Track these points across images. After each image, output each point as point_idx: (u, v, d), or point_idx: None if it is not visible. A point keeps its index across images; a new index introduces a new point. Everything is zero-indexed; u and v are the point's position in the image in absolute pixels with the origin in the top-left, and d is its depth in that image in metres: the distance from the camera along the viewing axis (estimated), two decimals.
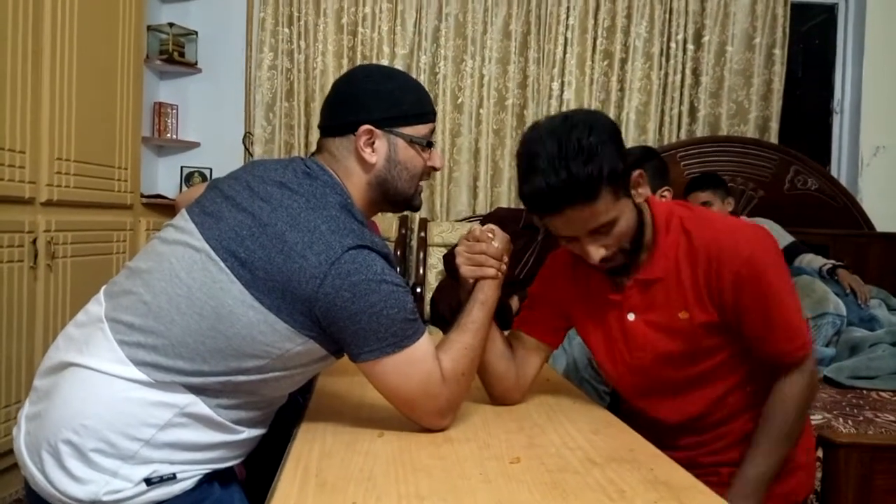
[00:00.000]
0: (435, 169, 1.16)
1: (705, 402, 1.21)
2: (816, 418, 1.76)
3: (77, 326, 1.05)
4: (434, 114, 1.16)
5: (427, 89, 3.74)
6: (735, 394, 1.21)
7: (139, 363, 0.96)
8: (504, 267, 1.18)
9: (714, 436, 1.23)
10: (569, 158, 1.02)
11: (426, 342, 1.04)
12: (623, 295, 1.21)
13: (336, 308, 0.95)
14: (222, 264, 0.97)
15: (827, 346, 2.32)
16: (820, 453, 1.72)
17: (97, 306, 1.04)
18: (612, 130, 1.09)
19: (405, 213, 3.46)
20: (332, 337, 1.00)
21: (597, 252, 1.10)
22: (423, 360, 1.02)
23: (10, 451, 1.05)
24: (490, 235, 1.17)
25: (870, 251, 3.32)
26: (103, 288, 1.09)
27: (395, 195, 1.13)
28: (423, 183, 1.17)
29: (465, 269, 1.16)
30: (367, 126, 1.07)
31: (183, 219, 1.07)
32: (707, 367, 1.18)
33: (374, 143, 1.08)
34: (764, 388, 1.17)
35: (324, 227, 0.98)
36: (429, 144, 1.13)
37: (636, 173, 1.13)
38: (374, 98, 1.09)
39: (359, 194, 1.09)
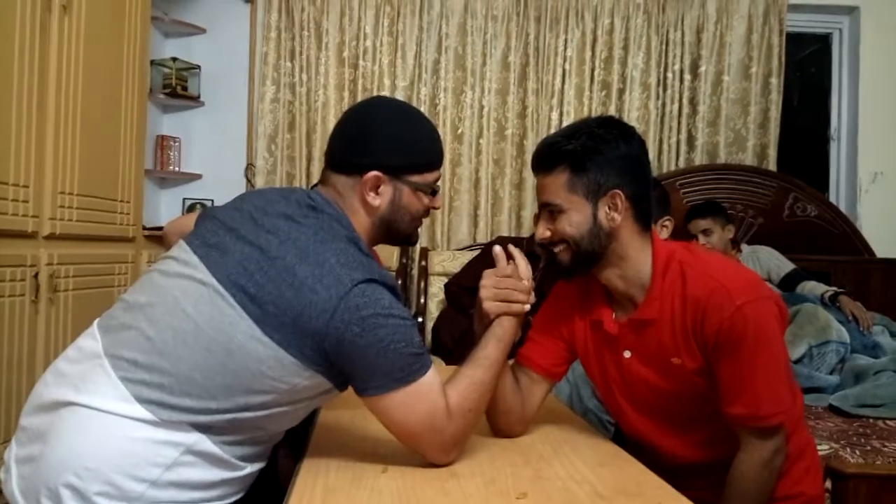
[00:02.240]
0: (435, 208, 1.17)
1: (709, 440, 1.19)
2: (823, 448, 1.75)
3: (69, 362, 1.02)
4: (442, 159, 1.16)
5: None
6: None
7: (144, 401, 0.94)
8: (528, 306, 1.15)
9: (720, 478, 1.19)
10: (567, 135, 1.14)
11: (432, 376, 1.02)
12: (619, 332, 1.20)
13: (345, 342, 0.95)
14: (231, 299, 0.96)
15: (831, 373, 2.31)
16: (829, 484, 1.70)
17: (92, 341, 1.01)
18: (625, 149, 1.13)
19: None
20: (340, 371, 0.99)
21: (540, 229, 1.17)
22: (428, 395, 1.01)
23: None
24: (520, 272, 1.15)
25: (871, 277, 3.32)
26: (96, 321, 1.06)
27: (396, 234, 1.13)
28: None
29: (491, 305, 1.13)
30: (376, 173, 1.07)
31: (184, 251, 1.05)
32: (707, 408, 1.16)
33: (379, 187, 1.08)
34: None
35: (333, 259, 0.97)
36: (433, 192, 1.13)
37: (613, 191, 1.12)
38: (387, 144, 1.08)
39: (362, 229, 1.09)
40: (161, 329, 0.97)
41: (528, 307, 1.15)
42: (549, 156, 1.15)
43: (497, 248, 1.16)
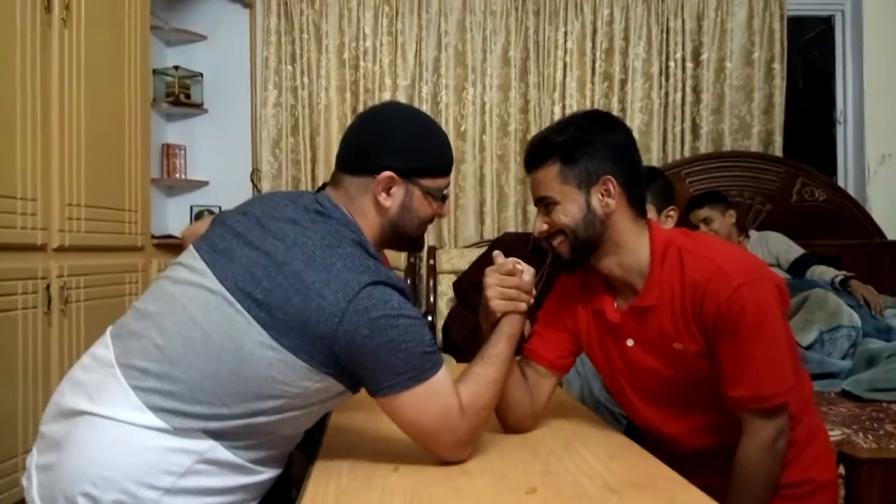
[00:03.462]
0: (441, 216, 1.18)
1: (716, 426, 1.19)
2: (836, 434, 1.74)
3: (84, 371, 1.03)
4: (452, 166, 1.18)
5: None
6: None
7: (156, 409, 0.95)
8: (531, 301, 1.17)
9: (729, 464, 1.19)
10: (555, 129, 1.18)
11: (444, 375, 1.03)
12: (621, 321, 1.21)
13: (355, 345, 0.95)
14: (239, 306, 0.96)
15: (843, 358, 2.30)
16: (842, 470, 1.69)
17: (104, 350, 1.02)
18: (613, 137, 1.16)
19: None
20: (351, 373, 1.00)
21: (537, 224, 1.20)
22: (440, 393, 1.01)
23: (23, 501, 1.03)
24: (520, 268, 1.17)
25: (882, 260, 3.29)
26: (109, 329, 1.07)
27: (404, 238, 1.14)
28: None
29: (497, 304, 1.15)
30: (390, 173, 1.08)
31: (192, 257, 1.05)
32: (712, 393, 1.16)
33: (391, 188, 1.09)
34: None
35: (339, 264, 0.98)
36: (443, 198, 1.15)
37: (605, 177, 1.15)
38: (401, 146, 1.09)
39: (370, 232, 1.09)
40: (171, 338, 0.98)
41: (531, 302, 1.17)
42: (540, 151, 1.18)
43: (496, 251, 1.20)
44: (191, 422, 0.95)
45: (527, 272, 1.17)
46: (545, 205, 1.18)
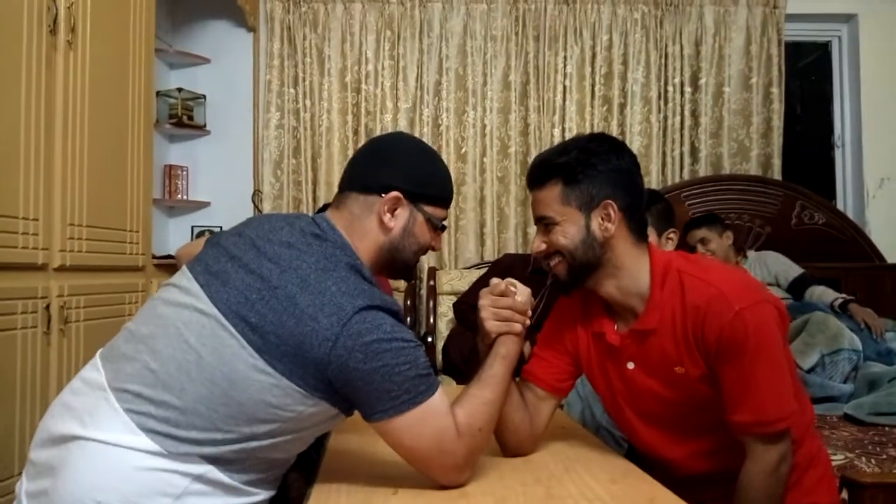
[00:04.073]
0: (434, 249, 1.19)
1: (717, 450, 1.18)
2: (839, 458, 1.73)
3: (75, 394, 1.02)
4: (452, 200, 1.20)
5: (430, 140, 3.79)
6: None
7: (151, 432, 0.94)
8: (528, 322, 1.17)
9: (731, 488, 1.18)
10: (559, 150, 1.17)
11: (440, 397, 1.02)
12: (621, 343, 1.20)
13: (349, 369, 0.95)
14: (233, 329, 0.96)
15: (844, 382, 2.29)
16: (845, 495, 1.67)
17: (95, 373, 1.01)
18: (617, 162, 1.16)
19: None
20: (345, 397, 1.00)
21: (535, 243, 1.20)
22: (436, 416, 1.01)
23: None
24: (513, 290, 1.17)
25: (882, 283, 3.30)
26: (99, 352, 1.06)
27: (400, 263, 1.14)
28: None
29: (491, 325, 1.15)
30: (397, 193, 1.09)
31: (186, 278, 1.05)
32: (714, 417, 1.15)
33: (396, 209, 1.10)
34: None
35: (334, 288, 0.98)
36: (441, 228, 1.16)
37: (605, 202, 1.15)
38: (410, 170, 1.11)
39: (368, 255, 1.10)
40: (164, 362, 0.98)
41: (527, 323, 1.16)
42: (543, 170, 1.19)
43: (496, 280, 1.19)
44: (185, 446, 0.95)
45: (521, 293, 1.17)
46: (545, 224, 1.19)
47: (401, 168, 1.11)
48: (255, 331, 0.96)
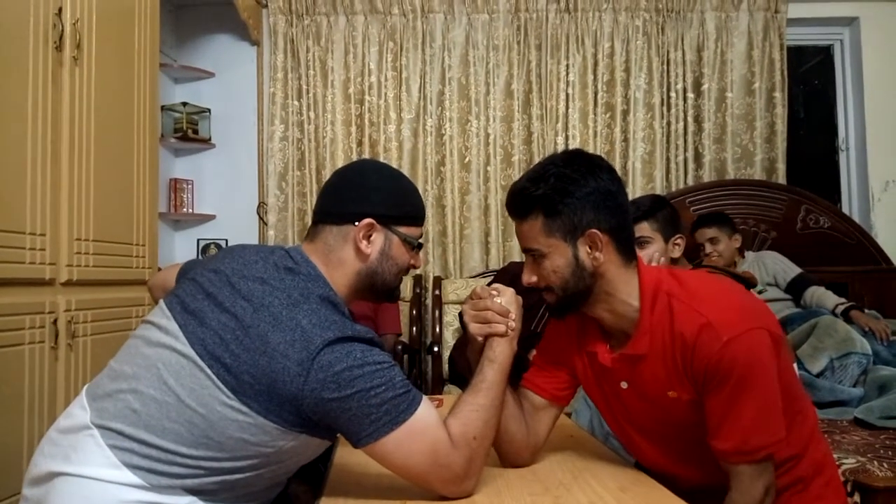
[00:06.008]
0: (415, 267, 1.20)
1: (719, 465, 1.15)
2: (850, 462, 1.71)
3: (60, 432, 1.04)
4: (424, 217, 1.21)
5: (434, 150, 3.79)
6: None
7: (134, 468, 0.96)
8: (513, 323, 1.15)
9: None
10: (535, 178, 1.12)
11: (425, 411, 1.01)
12: (613, 365, 1.19)
13: (324, 401, 0.95)
14: (209, 370, 0.97)
15: (854, 386, 2.27)
16: (858, 499, 1.66)
17: (81, 411, 1.03)
18: (595, 184, 1.11)
19: (419, 272, 3.47)
20: (328, 427, 1.00)
21: (527, 274, 1.17)
22: (426, 430, 1.00)
23: None
24: (493, 292, 1.17)
25: (889, 287, 3.28)
26: (85, 388, 1.08)
27: (382, 287, 1.15)
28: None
29: (474, 328, 1.15)
30: (370, 220, 1.10)
31: (165, 317, 1.06)
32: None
33: (371, 235, 1.11)
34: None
35: (305, 321, 0.98)
36: (418, 246, 1.18)
37: (592, 231, 1.11)
38: (381, 194, 1.13)
39: (346, 282, 1.11)
40: (146, 402, 0.99)
41: (512, 325, 1.14)
42: (521, 202, 1.15)
43: (477, 285, 1.20)
44: (168, 480, 0.97)
45: (502, 294, 1.16)
46: (533, 256, 1.16)
47: (370, 194, 1.12)
48: (229, 371, 0.97)
